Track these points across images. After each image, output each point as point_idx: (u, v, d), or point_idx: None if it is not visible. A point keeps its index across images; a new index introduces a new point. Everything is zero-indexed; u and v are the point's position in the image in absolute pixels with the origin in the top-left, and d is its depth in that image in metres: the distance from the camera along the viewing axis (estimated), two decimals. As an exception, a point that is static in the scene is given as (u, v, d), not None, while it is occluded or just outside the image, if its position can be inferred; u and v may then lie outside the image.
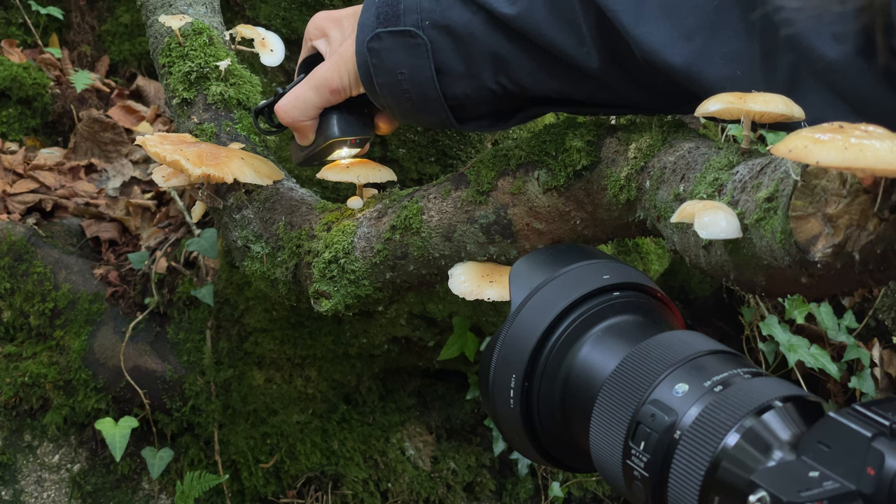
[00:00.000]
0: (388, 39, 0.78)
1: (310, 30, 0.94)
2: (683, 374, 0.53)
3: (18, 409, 1.66)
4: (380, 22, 0.78)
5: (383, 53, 0.79)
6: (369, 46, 0.79)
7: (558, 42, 0.75)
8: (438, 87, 0.79)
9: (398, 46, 0.78)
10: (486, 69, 0.79)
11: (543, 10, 0.74)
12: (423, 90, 0.80)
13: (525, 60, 0.78)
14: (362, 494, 1.73)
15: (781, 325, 1.85)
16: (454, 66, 0.78)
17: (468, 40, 0.77)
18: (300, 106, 0.93)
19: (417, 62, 0.78)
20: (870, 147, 0.52)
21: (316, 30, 0.93)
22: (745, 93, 0.71)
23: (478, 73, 0.79)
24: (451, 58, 0.78)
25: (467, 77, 0.79)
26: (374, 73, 0.80)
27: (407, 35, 0.78)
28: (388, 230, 1.05)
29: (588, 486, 1.84)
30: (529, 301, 0.63)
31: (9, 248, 1.67)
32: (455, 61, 0.78)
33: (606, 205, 0.88)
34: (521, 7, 0.75)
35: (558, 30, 0.74)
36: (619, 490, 0.56)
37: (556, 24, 0.74)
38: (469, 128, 0.85)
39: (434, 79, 0.79)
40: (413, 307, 1.57)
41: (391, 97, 0.82)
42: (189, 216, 1.74)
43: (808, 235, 0.62)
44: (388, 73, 0.80)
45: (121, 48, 2.28)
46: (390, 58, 0.79)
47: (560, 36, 0.74)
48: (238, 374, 1.68)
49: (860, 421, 0.45)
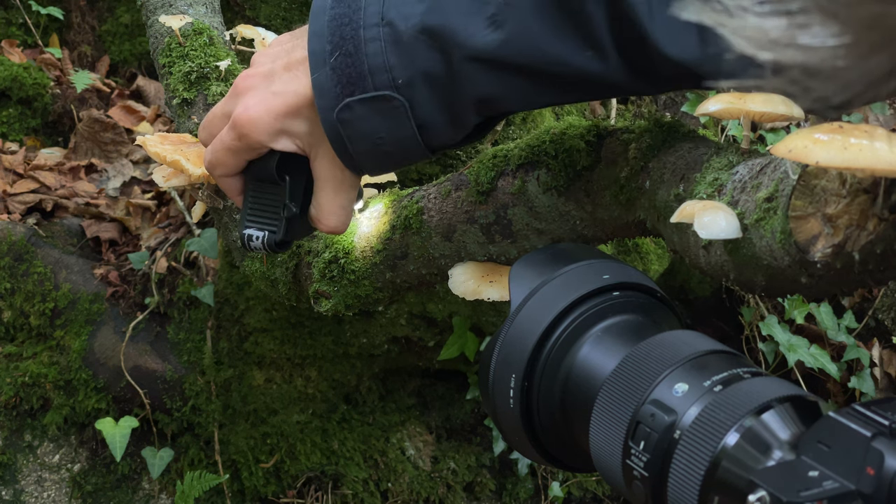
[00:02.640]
0: (360, 108, 0.71)
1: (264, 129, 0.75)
2: (683, 373, 0.53)
3: (19, 409, 1.66)
4: (344, 87, 0.70)
5: (356, 123, 0.71)
6: (339, 117, 0.71)
7: (561, 55, 0.69)
8: (422, 141, 0.73)
9: (373, 112, 0.71)
10: (471, 113, 0.73)
11: (536, 23, 0.68)
12: (405, 147, 0.73)
13: (515, 90, 0.72)
14: (362, 494, 1.73)
15: (781, 325, 1.85)
16: (436, 119, 0.72)
17: (449, 90, 0.71)
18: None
19: (397, 126, 0.72)
20: (869, 147, 0.52)
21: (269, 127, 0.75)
22: (745, 93, 0.71)
23: (462, 120, 0.73)
24: (431, 113, 0.72)
25: (450, 125, 0.73)
26: (350, 142, 0.72)
27: (381, 100, 0.70)
28: (388, 230, 1.05)
29: (588, 486, 1.85)
30: (529, 301, 0.63)
31: (9, 248, 1.67)
32: (436, 115, 0.72)
33: (606, 205, 0.88)
34: (507, 31, 0.68)
35: (559, 40, 0.68)
36: (619, 490, 0.56)
37: (554, 34, 0.68)
38: (438, 154, 0.81)
39: (417, 135, 0.72)
40: (413, 307, 1.57)
41: (370, 161, 0.75)
42: (189, 216, 1.74)
43: (807, 235, 0.62)
44: (365, 140, 0.72)
45: (121, 48, 2.28)
46: (365, 126, 0.72)
47: (561, 47, 0.68)
48: (238, 374, 1.68)
49: (860, 421, 0.45)
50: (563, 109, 1.78)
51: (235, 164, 0.78)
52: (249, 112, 0.74)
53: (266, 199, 0.81)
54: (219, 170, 0.79)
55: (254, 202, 0.81)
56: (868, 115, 2.17)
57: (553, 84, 0.72)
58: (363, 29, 0.70)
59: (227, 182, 0.81)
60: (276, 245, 0.81)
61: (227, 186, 0.81)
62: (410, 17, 0.69)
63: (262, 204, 0.81)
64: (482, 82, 0.70)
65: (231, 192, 0.82)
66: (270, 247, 0.81)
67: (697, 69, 0.66)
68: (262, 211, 0.81)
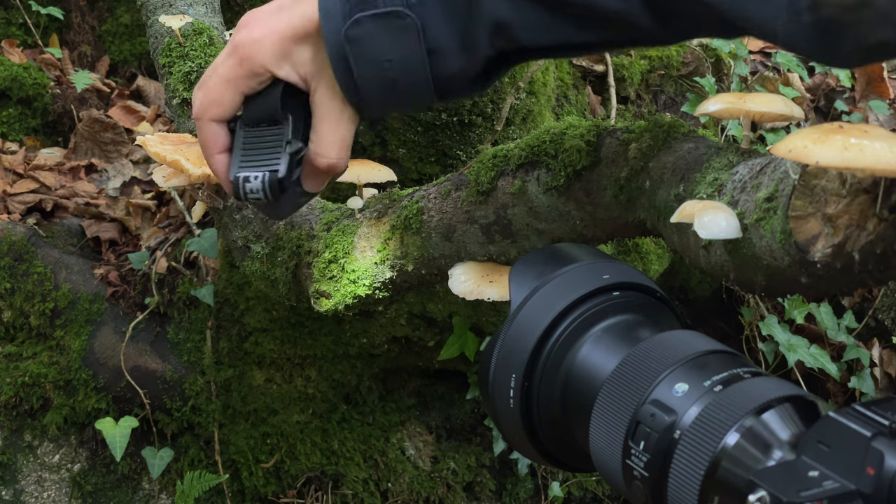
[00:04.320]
0: (370, 24, 0.66)
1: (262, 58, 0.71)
2: (683, 373, 0.54)
3: (19, 409, 1.66)
4: (354, 4, 0.67)
5: (365, 41, 0.67)
6: (347, 35, 0.67)
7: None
8: (430, 70, 0.69)
9: (382, 31, 0.67)
10: (484, 38, 0.68)
11: None
12: (412, 77, 0.69)
13: (534, 18, 0.68)
14: (362, 494, 1.73)
15: (781, 325, 1.85)
16: (447, 43, 0.68)
17: (464, 10, 0.67)
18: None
19: (407, 46, 0.67)
20: (869, 147, 0.52)
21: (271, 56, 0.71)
22: (745, 93, 0.71)
23: (474, 45, 0.69)
24: (444, 34, 0.68)
25: (461, 52, 0.69)
26: (356, 65, 0.68)
27: (393, 16, 0.66)
28: (388, 230, 1.05)
29: (588, 486, 1.85)
30: (529, 301, 0.63)
31: (9, 248, 1.67)
32: (449, 38, 0.68)
33: (606, 205, 0.88)
34: None
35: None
36: (619, 490, 0.56)
37: None
38: (447, 101, 0.75)
39: (426, 62, 0.68)
40: (413, 307, 1.57)
41: (374, 91, 0.70)
42: (189, 216, 1.74)
43: (807, 235, 0.62)
44: (372, 63, 0.68)
45: (121, 48, 2.28)
46: (374, 46, 0.67)
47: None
48: (238, 373, 1.68)
49: (860, 420, 0.45)
50: (563, 109, 1.78)
51: (232, 99, 0.73)
52: (253, 34, 0.70)
53: (262, 142, 0.73)
54: (212, 109, 0.73)
55: (247, 147, 0.73)
56: (868, 115, 2.17)
57: (571, 17, 0.68)
58: None
59: (214, 130, 0.74)
60: (279, 185, 0.72)
61: (212, 136, 0.74)
62: None
63: (258, 147, 0.73)
64: (499, 5, 0.67)
65: (216, 144, 0.75)
66: (272, 187, 0.72)
67: (719, 8, 0.61)
68: (257, 153, 0.73)
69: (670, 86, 2.02)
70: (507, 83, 1.45)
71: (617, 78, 1.91)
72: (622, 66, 1.93)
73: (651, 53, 1.99)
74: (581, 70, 1.89)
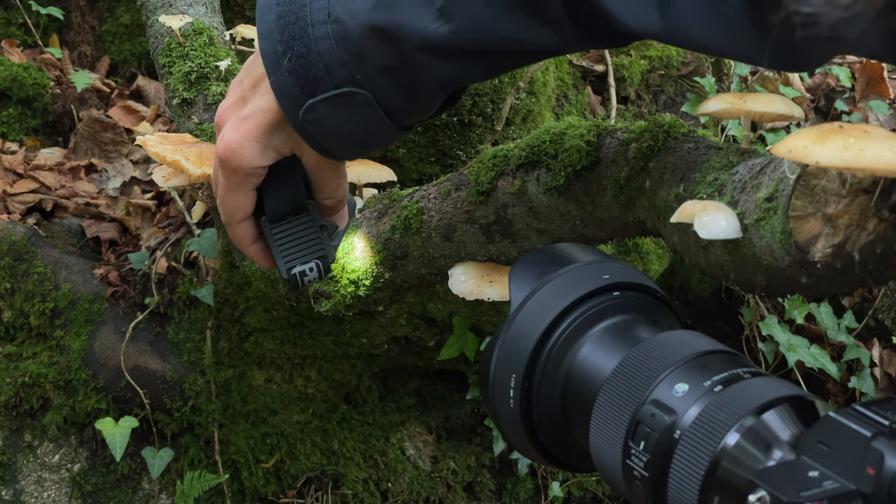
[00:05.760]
0: (324, 107, 0.70)
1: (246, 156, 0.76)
2: (683, 373, 0.54)
3: (18, 409, 1.66)
4: (304, 88, 0.69)
5: (324, 121, 0.71)
6: (305, 119, 0.71)
7: (515, 35, 0.68)
8: (392, 124, 0.73)
9: (338, 109, 0.70)
10: (434, 93, 0.72)
11: (487, 8, 0.66)
12: (377, 133, 0.74)
13: (473, 70, 0.72)
14: (362, 494, 1.73)
15: (781, 325, 1.85)
16: (401, 105, 0.72)
17: (409, 79, 0.70)
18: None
19: (364, 115, 0.71)
20: (870, 147, 0.52)
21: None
22: (745, 93, 0.71)
23: (426, 102, 0.73)
24: (395, 100, 0.71)
25: (419, 107, 0.73)
26: (321, 138, 0.73)
27: (344, 97, 0.69)
28: (388, 230, 1.05)
29: (588, 486, 1.85)
30: (529, 301, 0.63)
31: (9, 248, 1.67)
32: (401, 101, 0.72)
33: (606, 205, 0.88)
34: (458, 21, 0.66)
35: (511, 21, 0.67)
36: (619, 490, 0.56)
37: (507, 17, 0.67)
38: (408, 131, 0.81)
39: (386, 121, 0.72)
40: (413, 307, 1.57)
41: (345, 149, 0.75)
42: (189, 216, 1.74)
43: (807, 235, 0.62)
44: (335, 134, 0.72)
45: (121, 48, 2.28)
46: (333, 121, 0.71)
47: (514, 28, 0.67)
48: (238, 373, 1.68)
49: (860, 420, 0.45)
50: (564, 109, 1.78)
51: (247, 200, 0.78)
52: (229, 145, 0.74)
53: (297, 234, 0.81)
54: (237, 214, 0.79)
55: (285, 242, 0.81)
56: (868, 115, 2.17)
57: (510, 59, 0.73)
58: (311, 27, 0.68)
59: (244, 228, 0.81)
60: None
61: (242, 234, 0.81)
62: (359, 14, 0.67)
63: (295, 239, 0.81)
64: (440, 69, 0.70)
65: (249, 237, 0.82)
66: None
67: (658, 37, 0.64)
68: (298, 246, 0.81)
69: (670, 86, 2.02)
70: (507, 83, 1.45)
71: (617, 78, 1.91)
72: (622, 66, 1.93)
73: (651, 53, 1.99)
74: (581, 70, 1.89)
